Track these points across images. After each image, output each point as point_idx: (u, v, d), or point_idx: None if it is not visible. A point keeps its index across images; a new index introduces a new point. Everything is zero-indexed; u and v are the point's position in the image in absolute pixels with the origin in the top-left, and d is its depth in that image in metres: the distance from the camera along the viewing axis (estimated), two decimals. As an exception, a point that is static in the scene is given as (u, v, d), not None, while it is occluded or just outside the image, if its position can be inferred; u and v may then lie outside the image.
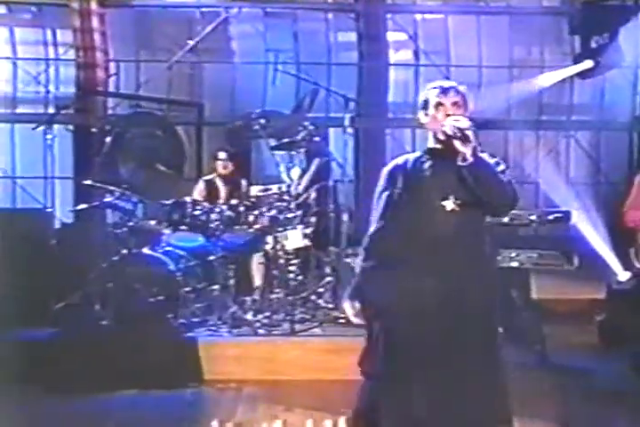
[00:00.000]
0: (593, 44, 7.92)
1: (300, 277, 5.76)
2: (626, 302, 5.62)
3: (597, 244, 7.00)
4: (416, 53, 8.75)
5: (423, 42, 8.67)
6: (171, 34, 8.29)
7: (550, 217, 5.17)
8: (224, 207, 5.60)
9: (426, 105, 3.25)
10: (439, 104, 3.20)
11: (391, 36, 8.73)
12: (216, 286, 5.51)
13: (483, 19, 8.77)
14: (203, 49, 8.30)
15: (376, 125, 8.34)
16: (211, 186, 6.40)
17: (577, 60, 7.87)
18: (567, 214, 5.27)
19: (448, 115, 3.14)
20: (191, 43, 8.08)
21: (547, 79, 8.10)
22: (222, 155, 6.40)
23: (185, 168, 7.16)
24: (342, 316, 5.63)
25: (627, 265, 5.61)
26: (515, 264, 5.34)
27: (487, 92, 8.38)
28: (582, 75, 7.89)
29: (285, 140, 5.90)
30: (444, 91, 3.21)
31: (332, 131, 8.44)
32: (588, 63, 7.72)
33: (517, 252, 5.36)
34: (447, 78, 8.74)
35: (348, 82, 8.36)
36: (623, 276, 6.07)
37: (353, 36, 8.71)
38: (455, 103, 3.20)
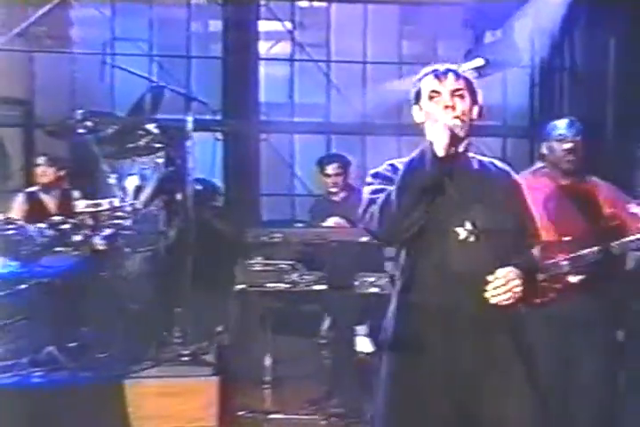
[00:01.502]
0: (487, 40, 8.00)
1: (141, 309, 5.60)
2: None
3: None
4: (295, 47, 8.65)
5: (302, 33, 8.47)
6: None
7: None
8: (43, 226, 5.33)
9: (418, 97, 2.91)
10: (434, 92, 2.86)
11: (266, 26, 8.53)
12: (29, 321, 5.18)
13: (370, 8, 8.66)
14: (35, 36, 7.97)
15: (245, 129, 8.16)
16: (34, 200, 6.13)
17: (468, 57, 7.75)
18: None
19: (447, 106, 2.80)
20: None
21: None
22: (41, 159, 6.14)
23: (9, 179, 6.83)
24: (186, 353, 5.48)
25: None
26: (374, 290, 5.17)
27: (373, 91, 8.30)
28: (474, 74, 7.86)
29: (128, 145, 5.71)
30: (439, 75, 2.87)
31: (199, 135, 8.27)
32: (479, 61, 7.51)
33: (378, 276, 5.19)
34: (327, 76, 8.72)
35: (212, 78, 8.22)
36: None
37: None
38: (457, 91, 2.84)
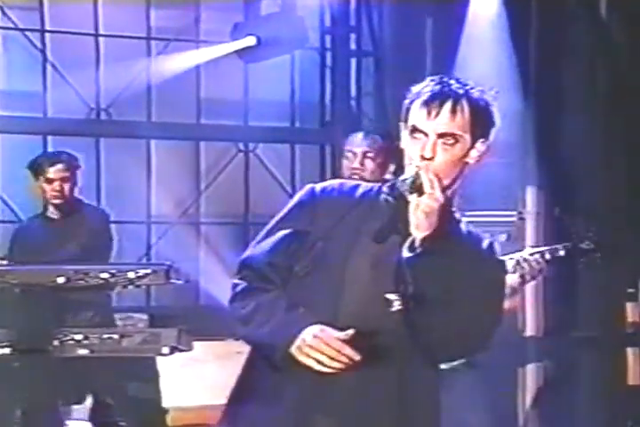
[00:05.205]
0: (264, 11, 7.35)
1: None
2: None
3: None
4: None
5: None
6: None
7: (131, 275, 4.82)
8: None
9: (406, 118, 2.55)
10: (416, 130, 2.49)
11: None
12: None
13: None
14: None
15: None
16: None
17: (236, 34, 7.24)
18: (164, 271, 4.90)
19: (424, 158, 2.46)
20: None
21: (196, 59, 7.40)
22: None
23: None
24: None
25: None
26: (83, 352, 5.00)
27: (109, 76, 7.53)
28: (246, 56, 7.21)
29: None
30: (431, 105, 2.49)
31: None
32: (250, 40, 7.15)
33: (87, 333, 4.94)
34: (42, 52, 7.39)
35: None
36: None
37: None
38: (445, 138, 2.47)
